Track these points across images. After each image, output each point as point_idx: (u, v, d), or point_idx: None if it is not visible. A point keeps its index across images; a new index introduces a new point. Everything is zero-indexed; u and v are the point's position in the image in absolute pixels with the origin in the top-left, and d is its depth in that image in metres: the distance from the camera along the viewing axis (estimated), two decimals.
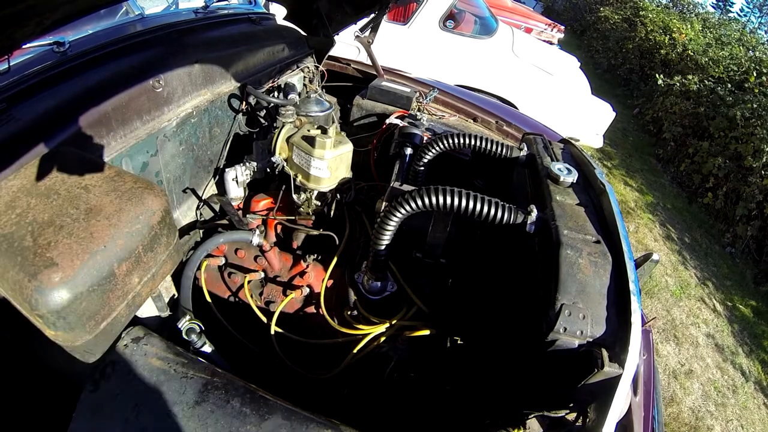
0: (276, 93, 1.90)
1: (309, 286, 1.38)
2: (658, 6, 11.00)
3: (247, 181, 1.62)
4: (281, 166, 1.50)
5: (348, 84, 2.47)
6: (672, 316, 3.53)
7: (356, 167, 1.59)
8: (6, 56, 0.98)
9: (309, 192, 1.50)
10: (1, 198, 0.85)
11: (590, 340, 0.91)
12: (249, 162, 1.60)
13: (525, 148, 1.49)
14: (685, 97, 6.28)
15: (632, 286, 0.94)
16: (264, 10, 2.25)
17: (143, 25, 1.53)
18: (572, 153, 1.54)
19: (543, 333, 0.94)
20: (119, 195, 0.92)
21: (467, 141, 1.44)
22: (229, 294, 1.44)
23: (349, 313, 1.32)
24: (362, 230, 1.52)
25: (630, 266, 0.99)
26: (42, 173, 0.91)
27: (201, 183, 1.63)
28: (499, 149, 1.46)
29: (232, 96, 1.65)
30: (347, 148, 1.43)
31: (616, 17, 10.69)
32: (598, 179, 1.27)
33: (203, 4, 1.85)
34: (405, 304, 1.32)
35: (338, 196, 1.51)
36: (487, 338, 1.30)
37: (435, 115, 2.22)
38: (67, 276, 0.77)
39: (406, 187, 1.34)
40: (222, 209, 1.53)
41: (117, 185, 0.94)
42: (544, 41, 6.41)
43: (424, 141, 1.64)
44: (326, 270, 1.34)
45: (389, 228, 1.15)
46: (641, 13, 9.89)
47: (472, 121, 2.34)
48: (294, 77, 2.04)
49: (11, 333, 0.92)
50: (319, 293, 1.34)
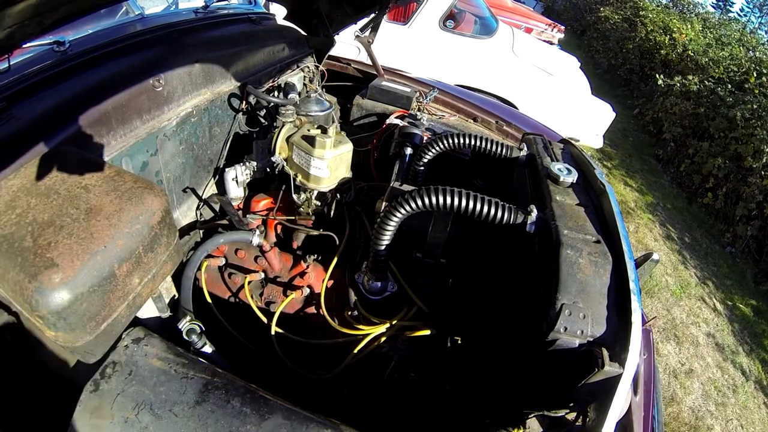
0: (276, 92, 1.90)
1: (309, 287, 1.38)
2: (658, 6, 11.01)
3: (247, 181, 1.62)
4: (281, 166, 1.50)
5: (348, 84, 2.47)
6: (672, 316, 3.53)
7: (356, 167, 1.59)
8: (6, 55, 0.98)
9: (309, 192, 1.49)
10: (1, 198, 0.85)
11: (590, 340, 0.91)
12: (249, 162, 1.60)
13: (525, 148, 1.49)
14: (686, 98, 6.28)
15: (632, 286, 0.94)
16: (264, 10, 2.25)
17: (143, 25, 1.53)
18: (572, 153, 1.54)
19: (543, 333, 0.94)
20: (119, 195, 0.92)
21: (467, 141, 1.44)
22: (230, 294, 1.44)
23: (350, 314, 1.32)
24: (362, 230, 1.52)
25: (630, 266, 0.99)
26: (42, 173, 0.91)
27: (201, 183, 1.63)
28: (499, 149, 1.46)
29: (232, 95, 1.65)
30: (347, 148, 1.43)
31: (616, 17, 10.69)
32: (598, 179, 1.27)
33: (203, 4, 1.85)
34: (405, 304, 1.32)
35: (338, 196, 1.51)
36: (487, 338, 1.30)
37: (435, 115, 2.22)
38: (68, 277, 0.77)
39: (406, 187, 1.34)
40: (222, 209, 1.53)
41: (117, 185, 0.94)
42: (544, 41, 6.41)
43: (424, 141, 1.64)
44: (326, 270, 1.34)
45: (389, 228, 1.15)
46: (641, 13, 9.89)
47: (472, 121, 2.34)
48: (294, 77, 2.04)
49: (12, 334, 0.92)
50: (320, 293, 1.34)
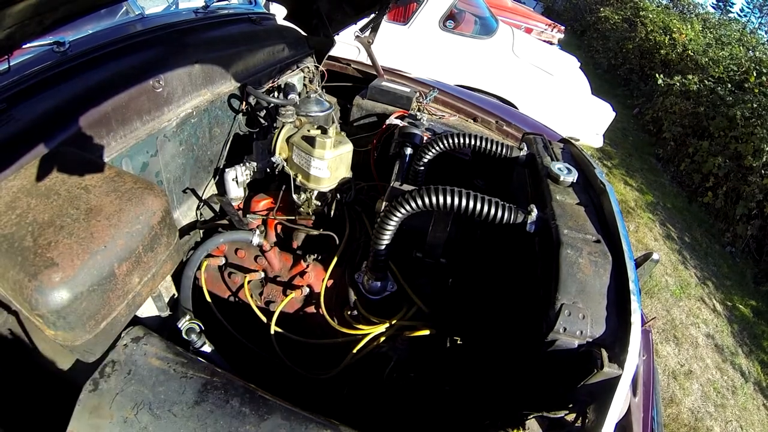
0: (276, 93, 1.90)
1: (309, 286, 1.38)
2: (658, 6, 11.01)
3: (247, 181, 1.62)
4: (281, 166, 1.50)
5: (348, 84, 2.47)
6: (672, 316, 3.53)
7: (356, 167, 1.59)
8: (6, 56, 0.98)
9: (309, 192, 1.50)
10: (2, 198, 0.86)
11: (590, 340, 0.91)
12: (249, 162, 1.60)
13: (525, 148, 1.49)
14: (685, 97, 6.28)
15: (632, 286, 0.94)
16: (264, 10, 2.25)
17: (143, 25, 1.53)
18: (572, 153, 1.54)
19: (543, 333, 0.94)
20: (119, 195, 0.92)
21: (467, 141, 1.44)
22: (229, 294, 1.45)
23: (349, 313, 1.32)
24: (362, 230, 1.52)
25: (630, 266, 0.99)
26: (42, 173, 0.91)
27: (201, 183, 1.63)
28: (499, 149, 1.46)
29: (232, 96, 1.65)
30: (347, 148, 1.43)
31: (616, 17, 10.69)
32: (598, 179, 1.27)
33: (203, 4, 1.85)
34: (405, 304, 1.32)
35: (338, 196, 1.51)
36: (487, 338, 1.30)
37: (435, 115, 2.22)
38: (68, 276, 0.77)
39: (406, 187, 1.34)
40: (222, 209, 1.53)
41: (117, 185, 0.94)
42: (544, 41, 6.41)
43: (424, 141, 1.64)
44: (326, 270, 1.34)
45: (389, 228, 1.15)
46: (641, 14, 9.89)
47: (472, 121, 2.34)
48: (294, 77, 2.04)
49: (11, 333, 0.92)
50: (319, 293, 1.34)
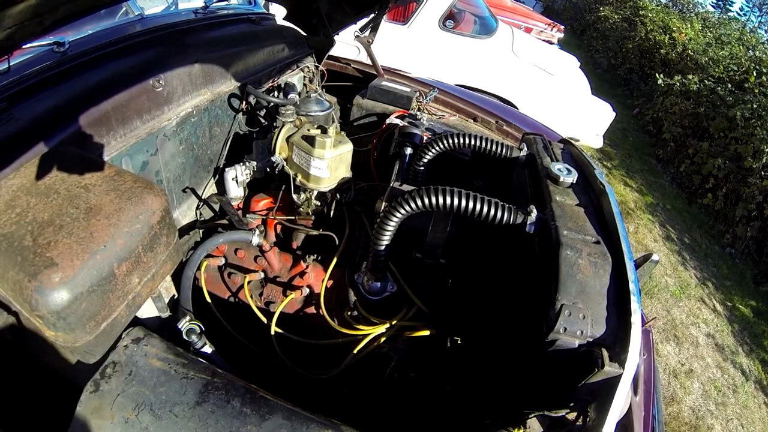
0: (276, 93, 1.90)
1: (309, 287, 1.38)
2: (658, 5, 11.01)
3: (247, 181, 1.62)
4: (281, 166, 1.50)
5: (348, 84, 2.47)
6: (672, 316, 3.53)
7: (356, 167, 1.59)
8: (6, 56, 0.98)
9: (309, 192, 1.49)
10: (1, 197, 0.85)
11: (590, 340, 0.91)
12: (249, 162, 1.60)
13: (525, 148, 1.49)
14: (685, 97, 6.28)
15: (632, 287, 0.94)
16: (264, 10, 2.25)
17: (143, 26, 1.53)
18: (572, 153, 1.54)
19: (543, 333, 0.94)
20: (119, 194, 0.92)
21: (467, 141, 1.44)
22: (229, 294, 1.44)
23: (349, 314, 1.32)
24: (362, 230, 1.52)
25: (630, 266, 0.99)
26: (42, 172, 0.91)
27: (201, 182, 1.63)
28: (499, 149, 1.46)
29: (232, 96, 1.65)
30: (347, 148, 1.43)
31: (616, 17, 10.68)
32: (598, 179, 1.27)
33: (203, 5, 1.85)
34: (405, 305, 1.32)
35: (338, 196, 1.51)
36: (487, 338, 1.30)
37: (435, 115, 2.22)
38: (67, 276, 0.77)
39: (406, 187, 1.34)
40: (222, 209, 1.53)
41: (117, 185, 0.94)
42: (544, 41, 6.41)
43: (424, 141, 1.64)
44: (326, 270, 1.34)
45: (389, 228, 1.15)
46: (641, 13, 9.88)
47: (472, 121, 2.34)
48: (294, 77, 2.04)
49: (12, 334, 0.92)
50: (319, 293, 1.34)
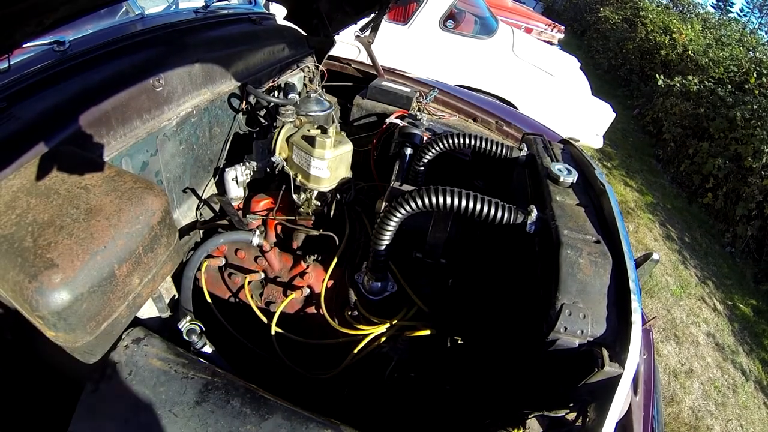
0: (276, 93, 1.90)
1: (309, 287, 1.38)
2: (659, 6, 11.00)
3: (247, 181, 1.62)
4: (281, 166, 1.50)
5: (348, 84, 2.47)
6: (672, 316, 3.53)
7: (356, 167, 1.59)
8: (6, 55, 0.98)
9: (309, 192, 1.49)
10: (2, 198, 0.85)
11: (590, 340, 0.91)
12: (249, 162, 1.60)
13: (525, 149, 1.49)
14: (686, 98, 6.28)
15: (632, 286, 0.94)
16: (264, 10, 2.25)
17: (143, 25, 1.53)
18: (572, 153, 1.54)
19: (543, 333, 0.94)
20: (119, 195, 0.92)
21: (467, 141, 1.44)
22: (230, 294, 1.45)
23: (350, 314, 1.32)
24: (362, 230, 1.52)
25: (630, 266, 0.99)
26: (42, 173, 0.91)
27: (201, 183, 1.63)
28: (499, 149, 1.46)
29: (232, 95, 1.65)
30: (347, 148, 1.43)
31: (617, 17, 10.69)
32: (598, 179, 1.27)
33: (203, 4, 1.85)
34: (405, 305, 1.32)
35: (338, 196, 1.51)
36: (487, 338, 1.30)
37: (435, 115, 2.22)
38: (68, 277, 0.77)
39: (406, 187, 1.34)
40: (222, 209, 1.53)
41: (117, 185, 0.94)
42: (544, 41, 6.41)
43: (424, 141, 1.64)
44: (326, 270, 1.34)
45: (389, 228, 1.15)
46: (641, 14, 9.89)
47: (472, 121, 2.34)
48: (294, 77, 2.04)
49: (12, 334, 0.92)
50: (320, 293, 1.34)
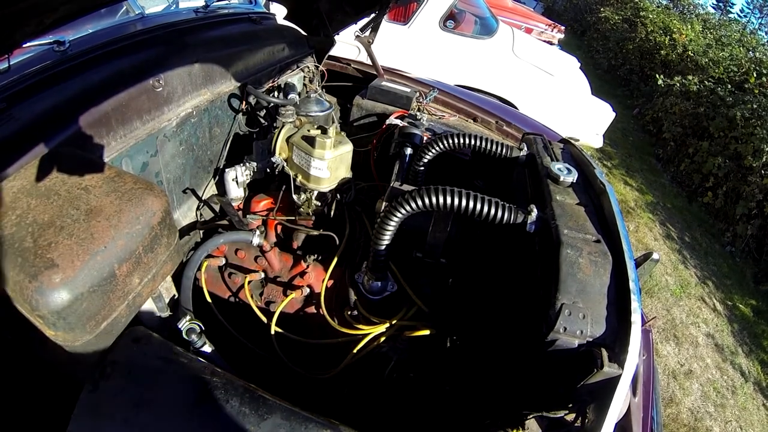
0: (276, 93, 1.90)
1: (309, 287, 1.38)
2: (659, 7, 11.01)
3: (247, 182, 1.62)
4: (281, 166, 1.50)
5: (348, 84, 2.47)
6: (672, 316, 3.53)
7: (356, 167, 1.59)
8: (6, 56, 0.98)
9: (309, 192, 1.49)
10: (2, 199, 0.85)
11: (590, 340, 0.91)
12: (249, 162, 1.60)
13: (525, 148, 1.49)
14: (685, 98, 6.28)
15: (632, 286, 0.94)
16: (264, 10, 2.25)
17: (143, 25, 1.53)
18: (572, 153, 1.54)
19: (543, 333, 0.94)
20: (119, 196, 0.92)
21: (467, 141, 1.44)
22: (230, 294, 1.45)
23: (349, 313, 1.32)
24: (362, 230, 1.52)
25: (630, 265, 0.99)
26: (42, 174, 0.91)
27: (201, 183, 1.63)
28: (499, 149, 1.46)
29: (232, 96, 1.65)
30: (347, 148, 1.43)
31: (617, 18, 10.69)
32: (598, 179, 1.27)
33: (203, 4, 1.85)
34: (405, 304, 1.32)
35: (338, 196, 1.51)
36: (487, 338, 1.30)
37: (435, 115, 2.22)
38: (68, 277, 0.77)
39: (406, 187, 1.34)
40: (222, 209, 1.53)
41: (117, 186, 0.94)
42: (545, 42, 6.41)
43: (424, 141, 1.64)
44: (326, 270, 1.34)
45: (389, 228, 1.15)
46: (641, 14, 9.89)
47: (472, 121, 2.34)
48: (294, 77, 2.04)
49: (12, 333, 0.92)
50: (320, 293, 1.34)
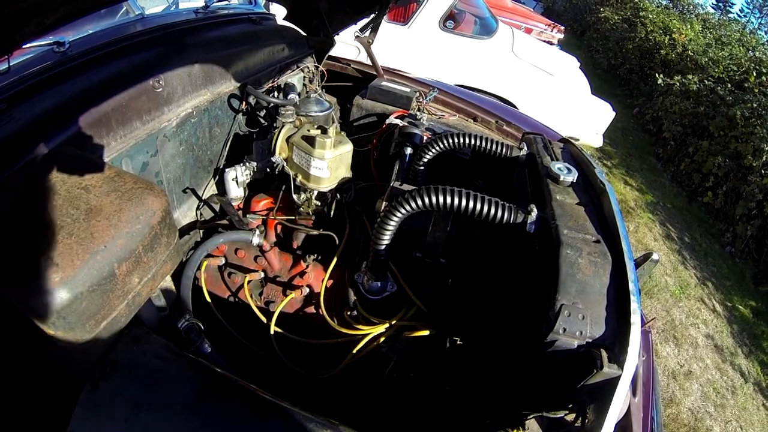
0: (276, 93, 1.90)
1: (309, 286, 1.38)
2: (658, 6, 11.01)
3: (247, 181, 1.62)
4: (281, 166, 1.50)
5: (348, 84, 2.47)
6: (671, 317, 3.53)
7: (356, 167, 1.59)
8: (6, 56, 0.98)
9: (309, 192, 1.50)
10: (2, 198, 0.85)
11: (589, 341, 0.91)
12: (249, 162, 1.60)
13: (525, 148, 1.49)
14: (685, 97, 6.28)
15: (632, 286, 0.94)
16: (264, 10, 2.25)
17: (143, 25, 1.53)
18: (572, 152, 1.54)
19: (542, 333, 0.94)
20: (119, 195, 0.92)
21: (467, 141, 1.44)
22: (229, 294, 1.45)
23: (349, 314, 1.32)
24: (362, 230, 1.52)
25: (630, 266, 0.99)
26: (42, 174, 0.91)
27: (201, 183, 1.63)
28: (499, 149, 1.47)
29: (232, 96, 1.65)
30: (347, 148, 1.43)
31: (616, 18, 10.69)
32: (598, 178, 1.27)
33: (203, 4, 1.85)
34: (405, 304, 1.32)
35: (338, 196, 1.51)
36: (487, 338, 1.30)
37: (435, 115, 2.22)
38: (68, 276, 0.77)
39: (406, 187, 1.34)
40: (222, 209, 1.53)
41: (117, 185, 0.94)
42: (544, 41, 6.41)
43: (424, 141, 1.64)
44: (326, 270, 1.34)
45: (389, 228, 1.15)
46: (641, 14, 9.89)
47: (472, 121, 2.34)
48: (294, 77, 2.04)
49: (12, 333, 0.92)
50: (319, 293, 1.34)
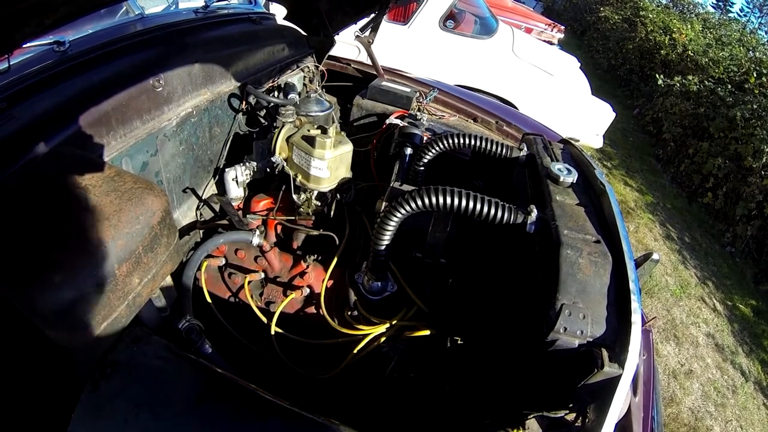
0: (276, 93, 1.90)
1: (309, 287, 1.38)
2: (659, 6, 11.01)
3: (247, 181, 1.62)
4: (281, 166, 1.50)
5: (348, 84, 2.47)
6: (672, 316, 3.53)
7: (356, 167, 1.59)
8: (6, 56, 0.98)
9: (309, 192, 1.49)
10: (2, 198, 0.85)
11: (590, 340, 0.91)
12: (249, 162, 1.60)
13: (525, 148, 1.49)
14: (685, 98, 6.28)
15: (632, 286, 0.94)
16: (264, 10, 2.25)
17: (143, 25, 1.53)
18: (572, 153, 1.54)
19: (543, 333, 0.94)
20: (119, 195, 0.92)
21: (467, 141, 1.44)
22: (230, 294, 1.45)
23: (349, 314, 1.32)
24: (362, 230, 1.52)
25: (630, 266, 0.99)
26: (42, 173, 0.91)
27: (201, 183, 1.63)
28: (499, 149, 1.46)
29: (232, 96, 1.65)
30: (347, 148, 1.43)
31: (616, 17, 10.69)
32: (598, 179, 1.27)
33: (203, 4, 1.85)
34: (405, 305, 1.32)
35: (338, 196, 1.51)
36: (487, 338, 1.30)
37: (435, 115, 2.22)
38: (68, 277, 0.77)
39: (406, 187, 1.34)
40: (222, 209, 1.53)
41: (117, 185, 0.94)
42: (544, 41, 6.41)
43: (424, 141, 1.64)
44: (326, 270, 1.34)
45: (389, 228, 1.15)
46: (641, 14, 9.89)
47: (472, 121, 2.34)
48: (294, 77, 2.04)
49: (12, 333, 0.92)
50: (320, 293, 1.34)
